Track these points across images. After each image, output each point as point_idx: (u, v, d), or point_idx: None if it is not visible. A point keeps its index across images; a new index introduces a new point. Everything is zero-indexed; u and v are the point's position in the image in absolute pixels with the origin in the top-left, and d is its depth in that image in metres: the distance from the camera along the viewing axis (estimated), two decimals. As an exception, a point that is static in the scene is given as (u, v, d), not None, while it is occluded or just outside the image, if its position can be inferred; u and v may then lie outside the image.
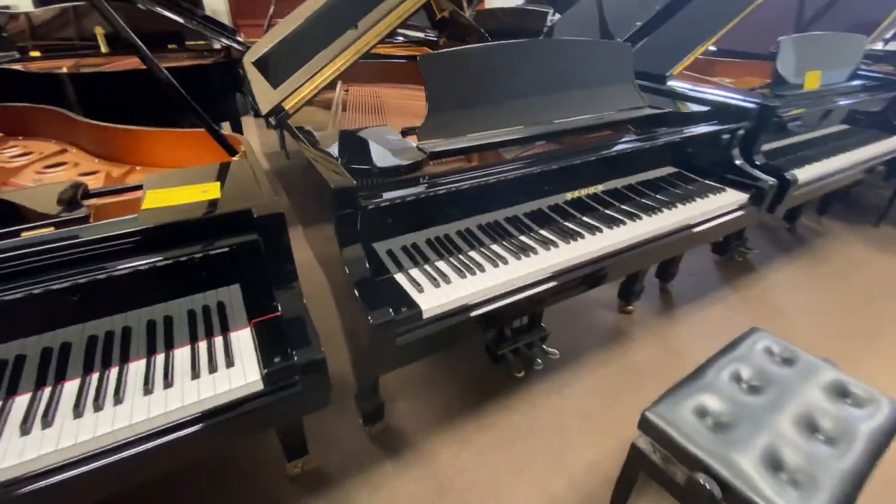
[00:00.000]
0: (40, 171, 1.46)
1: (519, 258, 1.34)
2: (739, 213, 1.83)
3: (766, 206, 1.92)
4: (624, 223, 1.55)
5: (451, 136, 1.38)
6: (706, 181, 1.91)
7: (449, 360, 1.99)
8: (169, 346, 1.01)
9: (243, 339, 1.03)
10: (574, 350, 2.06)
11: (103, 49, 2.96)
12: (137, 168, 1.50)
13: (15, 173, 1.45)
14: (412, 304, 1.12)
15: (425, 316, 1.12)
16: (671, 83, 2.26)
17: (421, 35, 3.22)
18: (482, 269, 1.27)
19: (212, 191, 1.05)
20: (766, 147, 2.10)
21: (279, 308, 1.03)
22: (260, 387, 0.95)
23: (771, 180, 1.85)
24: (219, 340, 1.02)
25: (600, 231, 1.50)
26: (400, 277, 1.23)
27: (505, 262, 1.32)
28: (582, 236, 1.46)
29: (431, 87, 1.34)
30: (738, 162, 1.90)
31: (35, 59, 2.77)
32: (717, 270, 2.69)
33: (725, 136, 1.87)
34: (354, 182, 1.06)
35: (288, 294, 1.03)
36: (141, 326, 1.04)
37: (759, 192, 1.85)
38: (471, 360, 1.99)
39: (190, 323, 1.06)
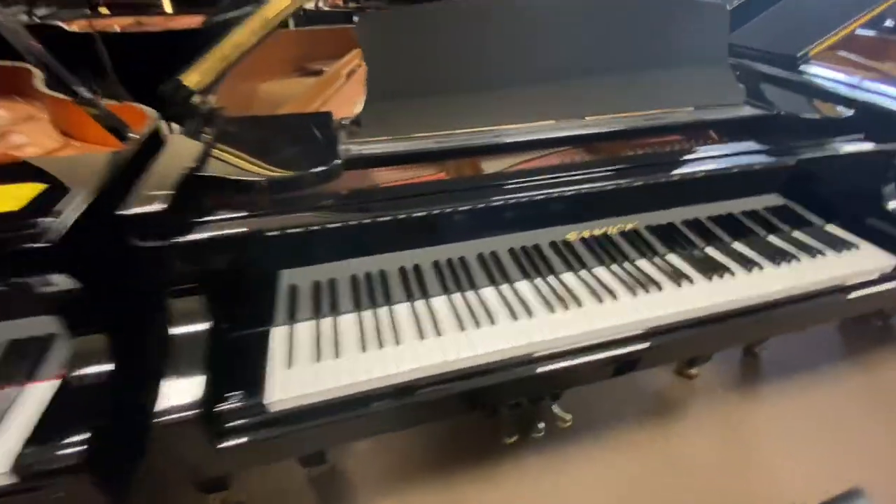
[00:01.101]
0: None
1: (462, 328, 0.89)
2: (881, 286, 1.16)
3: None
4: (658, 289, 1.01)
5: (402, 133, 0.97)
6: (828, 227, 1.24)
7: (430, 402, 1.65)
8: (-40, 388, 0.79)
9: (37, 397, 0.77)
10: (594, 419, 1.57)
11: (167, 8, 2.93)
12: (76, 144, 1.32)
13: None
14: (253, 389, 0.76)
15: (273, 409, 0.76)
16: (807, 68, 1.55)
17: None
18: (398, 341, 0.86)
19: (21, 197, 0.78)
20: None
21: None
22: (7, 481, 0.68)
23: (946, 241, 1.13)
24: (8, 393, 0.78)
25: (614, 297, 0.98)
26: (279, 333, 0.87)
27: (438, 332, 0.88)
28: (578, 303, 0.96)
29: (374, 63, 0.92)
30: (891, 205, 1.19)
31: (104, 16, 2.81)
32: (840, 335, 1.94)
33: (871, 161, 1.17)
34: (162, 206, 0.71)
35: (84, 345, 0.74)
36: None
37: (921, 256, 1.15)
38: (457, 408, 1.63)
39: (3, 360, 0.83)
